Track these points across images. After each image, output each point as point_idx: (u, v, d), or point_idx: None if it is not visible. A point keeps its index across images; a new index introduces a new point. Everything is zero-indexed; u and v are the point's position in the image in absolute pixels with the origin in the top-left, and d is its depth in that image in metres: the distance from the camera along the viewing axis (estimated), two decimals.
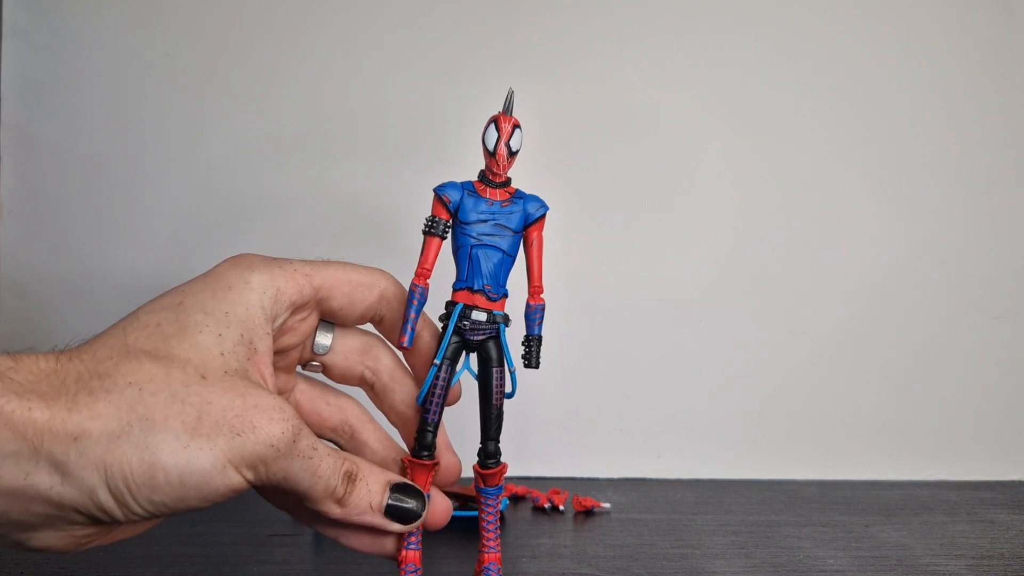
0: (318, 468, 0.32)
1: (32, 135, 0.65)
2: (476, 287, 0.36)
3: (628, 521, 0.54)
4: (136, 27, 0.66)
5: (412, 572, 0.36)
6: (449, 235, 0.36)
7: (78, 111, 0.65)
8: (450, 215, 0.36)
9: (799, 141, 0.68)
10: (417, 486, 0.36)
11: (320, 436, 0.36)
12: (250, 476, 0.30)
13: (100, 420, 0.28)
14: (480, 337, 0.36)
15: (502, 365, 0.37)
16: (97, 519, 0.29)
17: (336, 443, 0.38)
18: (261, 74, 0.66)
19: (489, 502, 0.38)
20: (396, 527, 0.35)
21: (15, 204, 0.65)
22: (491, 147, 0.36)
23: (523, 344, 0.37)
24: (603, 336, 0.66)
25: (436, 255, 0.36)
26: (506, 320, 0.37)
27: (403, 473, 0.37)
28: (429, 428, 0.36)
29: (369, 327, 0.38)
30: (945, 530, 0.53)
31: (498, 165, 0.36)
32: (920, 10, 0.68)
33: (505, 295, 0.36)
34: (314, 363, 0.38)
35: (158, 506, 0.29)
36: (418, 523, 0.35)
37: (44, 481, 0.27)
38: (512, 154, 0.36)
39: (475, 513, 0.53)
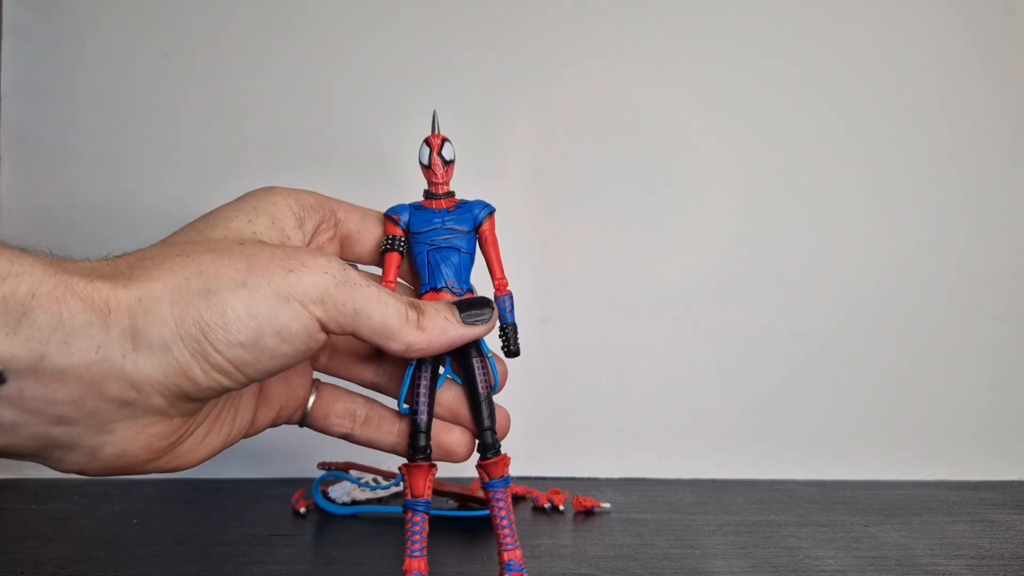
0: (381, 296, 0.32)
1: (32, 135, 0.65)
2: (439, 286, 0.37)
3: (628, 521, 0.54)
4: (136, 27, 0.66)
5: None
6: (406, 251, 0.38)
7: (78, 111, 0.65)
8: (403, 232, 0.38)
9: (799, 141, 0.68)
10: (476, 297, 0.37)
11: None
12: (319, 312, 0.30)
13: (159, 281, 0.28)
14: None
15: (481, 355, 0.38)
16: (176, 394, 0.28)
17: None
18: (262, 74, 0.66)
19: (498, 495, 0.37)
20: (480, 329, 0.35)
21: (15, 204, 0.65)
22: (426, 161, 0.38)
23: (500, 335, 0.38)
24: (603, 336, 0.66)
25: (397, 269, 0.38)
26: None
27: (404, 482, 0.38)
28: (421, 430, 0.37)
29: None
30: (945, 530, 0.53)
31: (436, 175, 0.38)
32: (920, 9, 0.68)
33: (470, 290, 0.38)
34: None
35: (235, 349, 0.28)
36: (493, 320, 0.36)
37: (116, 351, 0.27)
38: (447, 163, 0.38)
39: (475, 513, 0.53)
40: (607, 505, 0.56)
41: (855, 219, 0.68)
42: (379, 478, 0.57)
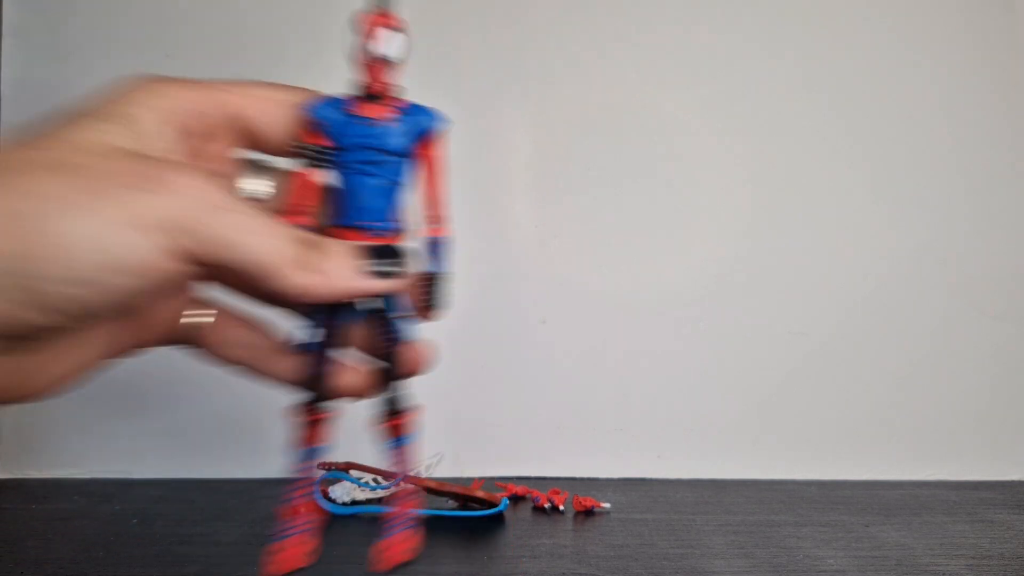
0: (262, 226, 0.26)
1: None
2: (356, 223, 0.30)
3: (628, 521, 0.54)
4: (137, 27, 0.66)
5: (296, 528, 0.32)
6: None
7: None
8: (319, 139, 0.30)
9: (799, 141, 0.68)
10: (392, 245, 0.30)
11: None
12: (178, 241, 0.25)
13: None
14: None
15: (382, 314, 0.31)
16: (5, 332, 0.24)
17: None
18: (263, 74, 0.66)
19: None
20: (385, 284, 0.29)
21: None
22: (365, 58, 0.30)
23: (421, 283, 0.31)
24: (602, 336, 0.66)
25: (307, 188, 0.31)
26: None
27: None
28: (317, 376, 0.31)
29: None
30: (945, 530, 0.53)
31: (375, 73, 0.30)
32: (920, 9, 0.68)
33: (397, 230, 0.30)
34: None
35: (63, 286, 0.23)
36: (408, 277, 0.30)
37: None
38: (390, 63, 0.30)
39: (475, 513, 0.53)
40: (607, 505, 0.56)
41: (855, 219, 0.68)
42: (379, 478, 0.57)
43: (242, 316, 0.33)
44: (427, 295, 0.31)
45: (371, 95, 0.30)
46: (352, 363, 0.33)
